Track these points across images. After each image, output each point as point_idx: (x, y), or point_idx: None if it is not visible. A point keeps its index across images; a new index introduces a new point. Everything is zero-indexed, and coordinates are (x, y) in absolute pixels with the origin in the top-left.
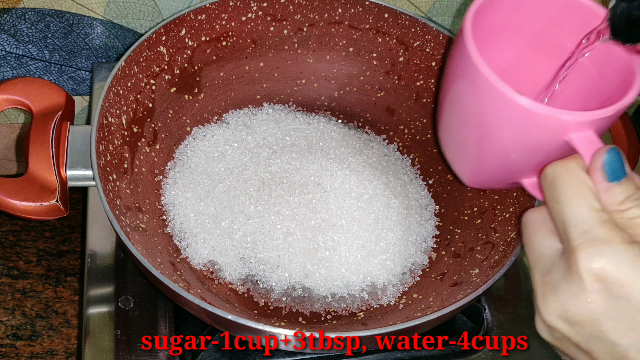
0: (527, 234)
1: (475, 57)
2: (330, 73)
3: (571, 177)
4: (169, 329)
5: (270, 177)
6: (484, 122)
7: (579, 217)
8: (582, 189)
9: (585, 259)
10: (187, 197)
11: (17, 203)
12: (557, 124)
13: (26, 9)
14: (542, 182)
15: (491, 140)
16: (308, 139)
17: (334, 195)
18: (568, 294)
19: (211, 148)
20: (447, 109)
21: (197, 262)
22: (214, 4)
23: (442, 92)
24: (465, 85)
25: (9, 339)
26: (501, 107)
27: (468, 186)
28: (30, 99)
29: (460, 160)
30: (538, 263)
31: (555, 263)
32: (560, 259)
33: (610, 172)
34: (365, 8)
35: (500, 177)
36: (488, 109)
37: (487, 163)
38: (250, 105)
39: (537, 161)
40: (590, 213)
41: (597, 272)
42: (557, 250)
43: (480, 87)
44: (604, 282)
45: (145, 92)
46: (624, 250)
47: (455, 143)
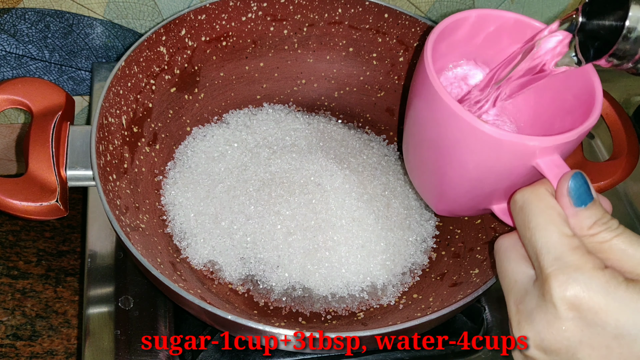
0: (500, 260)
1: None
2: (330, 73)
3: (540, 203)
4: (169, 329)
5: (270, 177)
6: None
7: (550, 243)
8: (552, 214)
9: (558, 287)
10: (187, 197)
11: (17, 203)
12: (522, 150)
13: (26, 9)
14: (512, 209)
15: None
16: (308, 139)
17: (334, 196)
18: (543, 322)
19: (211, 148)
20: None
21: (197, 262)
22: (214, 4)
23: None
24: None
25: (9, 339)
26: (466, 136)
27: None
28: (30, 99)
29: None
30: (511, 290)
31: (528, 291)
32: (533, 286)
33: (576, 198)
34: (365, 8)
35: (469, 204)
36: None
37: (455, 191)
38: (250, 106)
39: (506, 187)
40: (561, 239)
41: (571, 299)
42: (530, 277)
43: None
44: (578, 310)
45: (145, 92)
46: (596, 277)
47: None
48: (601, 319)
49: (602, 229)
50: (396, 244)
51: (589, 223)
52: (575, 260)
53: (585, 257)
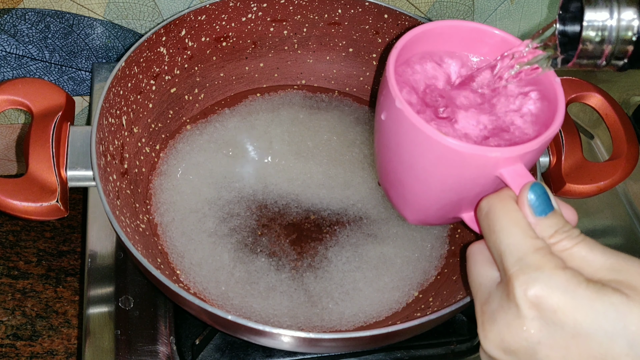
0: (468, 265)
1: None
2: (330, 74)
3: (505, 207)
4: (169, 329)
5: (271, 177)
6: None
7: (512, 245)
8: (516, 217)
9: (519, 286)
10: (187, 197)
11: (17, 203)
12: (485, 161)
13: (26, 9)
14: (478, 215)
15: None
16: (308, 140)
17: (334, 197)
18: (503, 322)
19: (211, 148)
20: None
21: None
22: (214, 5)
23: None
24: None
25: (9, 339)
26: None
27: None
28: (31, 100)
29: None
30: (477, 293)
31: (492, 292)
32: (496, 288)
33: (536, 207)
34: (365, 9)
35: (438, 214)
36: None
37: (423, 202)
38: (250, 106)
39: (472, 196)
40: (524, 241)
41: (531, 299)
42: (494, 280)
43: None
44: (538, 309)
45: (145, 93)
46: (556, 276)
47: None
48: (559, 318)
49: (562, 237)
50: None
51: (550, 232)
52: (537, 260)
53: (547, 257)
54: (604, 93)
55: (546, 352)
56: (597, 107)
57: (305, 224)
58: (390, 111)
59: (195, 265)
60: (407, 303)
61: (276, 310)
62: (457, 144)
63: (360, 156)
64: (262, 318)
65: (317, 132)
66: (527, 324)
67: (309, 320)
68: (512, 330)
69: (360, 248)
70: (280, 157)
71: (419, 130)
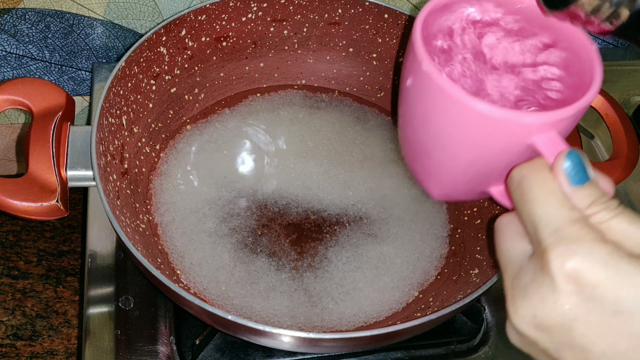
0: (497, 238)
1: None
2: (330, 73)
3: (539, 175)
4: (169, 329)
5: (271, 177)
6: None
7: (549, 215)
8: (551, 186)
9: (556, 258)
10: (187, 197)
11: (18, 203)
12: (517, 128)
13: (26, 9)
14: (509, 186)
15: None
16: (308, 140)
17: (334, 197)
18: (537, 296)
19: (211, 148)
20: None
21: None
22: (214, 5)
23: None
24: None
25: (9, 339)
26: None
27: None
28: (31, 100)
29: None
30: (507, 267)
31: (524, 266)
32: (529, 261)
33: (572, 176)
34: (365, 8)
35: (465, 187)
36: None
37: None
38: (250, 106)
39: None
40: (560, 211)
41: (569, 272)
42: (526, 252)
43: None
44: (577, 283)
45: (145, 93)
46: (597, 249)
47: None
48: (600, 294)
49: (599, 208)
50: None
51: (587, 202)
52: (575, 232)
53: (586, 229)
54: (604, 93)
55: (583, 329)
56: (597, 107)
57: (305, 224)
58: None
59: (195, 265)
60: (407, 303)
61: (276, 310)
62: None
63: (360, 156)
64: (262, 318)
65: (317, 132)
66: (563, 299)
67: (309, 320)
68: (547, 305)
69: (360, 248)
70: (280, 157)
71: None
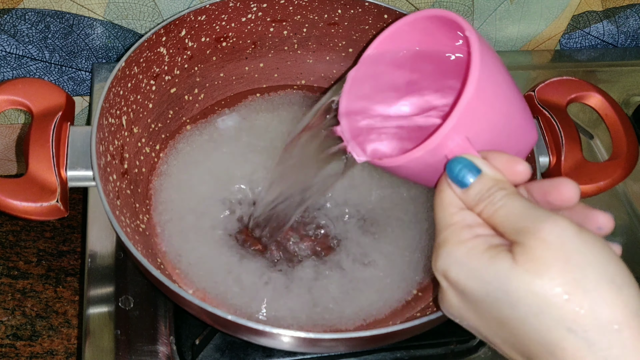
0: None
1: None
2: (330, 74)
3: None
4: (169, 329)
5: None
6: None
7: (437, 221)
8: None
9: (434, 261)
10: (187, 197)
11: (17, 203)
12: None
13: (26, 9)
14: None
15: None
16: None
17: (334, 197)
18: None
19: (211, 148)
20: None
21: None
22: (214, 5)
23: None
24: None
25: (9, 339)
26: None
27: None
28: (31, 100)
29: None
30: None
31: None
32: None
33: (458, 180)
34: (365, 9)
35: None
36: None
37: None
38: (250, 106)
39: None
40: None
41: (441, 271)
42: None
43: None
44: (448, 280)
45: (145, 93)
46: (455, 250)
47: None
48: (462, 288)
49: (484, 204)
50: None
51: (475, 200)
52: (446, 236)
53: (456, 232)
54: (603, 93)
55: (467, 316)
56: (597, 107)
57: (305, 224)
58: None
59: (195, 265)
60: (408, 302)
61: (276, 309)
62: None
63: None
64: (262, 318)
65: None
66: (447, 293)
67: (309, 320)
68: (442, 300)
69: (361, 248)
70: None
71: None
